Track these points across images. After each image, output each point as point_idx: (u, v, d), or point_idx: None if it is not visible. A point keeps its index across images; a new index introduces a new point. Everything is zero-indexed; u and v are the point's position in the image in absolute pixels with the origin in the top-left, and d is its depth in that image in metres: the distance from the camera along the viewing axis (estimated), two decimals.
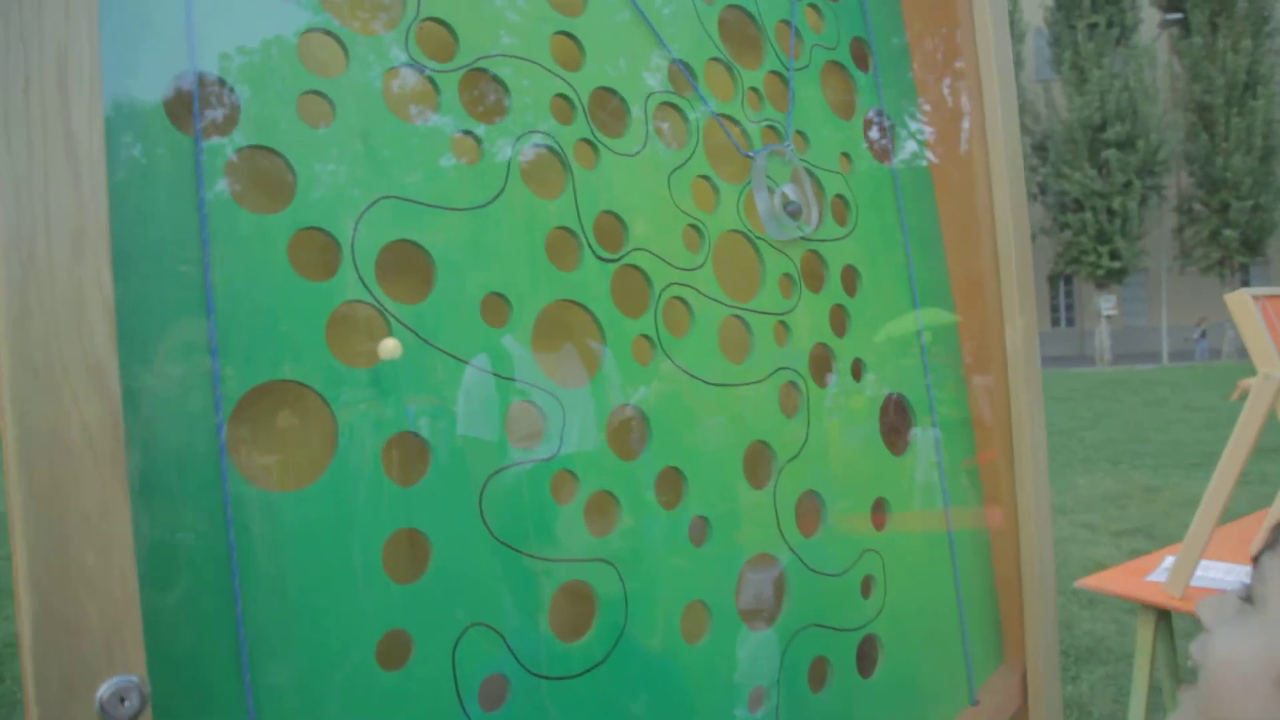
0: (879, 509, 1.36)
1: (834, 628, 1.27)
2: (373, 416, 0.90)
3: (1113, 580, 2.80)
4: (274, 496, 0.85)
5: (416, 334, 0.93)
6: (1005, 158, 1.48)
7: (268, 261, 0.86)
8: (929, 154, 1.56)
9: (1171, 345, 23.41)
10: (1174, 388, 15.08)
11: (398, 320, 0.92)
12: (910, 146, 1.53)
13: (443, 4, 1.00)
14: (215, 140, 0.85)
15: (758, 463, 1.21)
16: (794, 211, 1.29)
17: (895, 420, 1.41)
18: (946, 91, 1.59)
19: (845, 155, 1.42)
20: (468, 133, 1.00)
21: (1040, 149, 22.57)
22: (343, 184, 0.91)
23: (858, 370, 1.36)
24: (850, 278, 1.38)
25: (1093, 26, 21.67)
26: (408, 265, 0.96)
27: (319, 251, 0.90)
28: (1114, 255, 21.33)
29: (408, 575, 0.91)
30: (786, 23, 1.38)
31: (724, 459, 1.17)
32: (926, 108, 1.57)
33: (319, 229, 0.89)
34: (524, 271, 1.02)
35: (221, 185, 0.85)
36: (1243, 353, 22.02)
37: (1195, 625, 0.78)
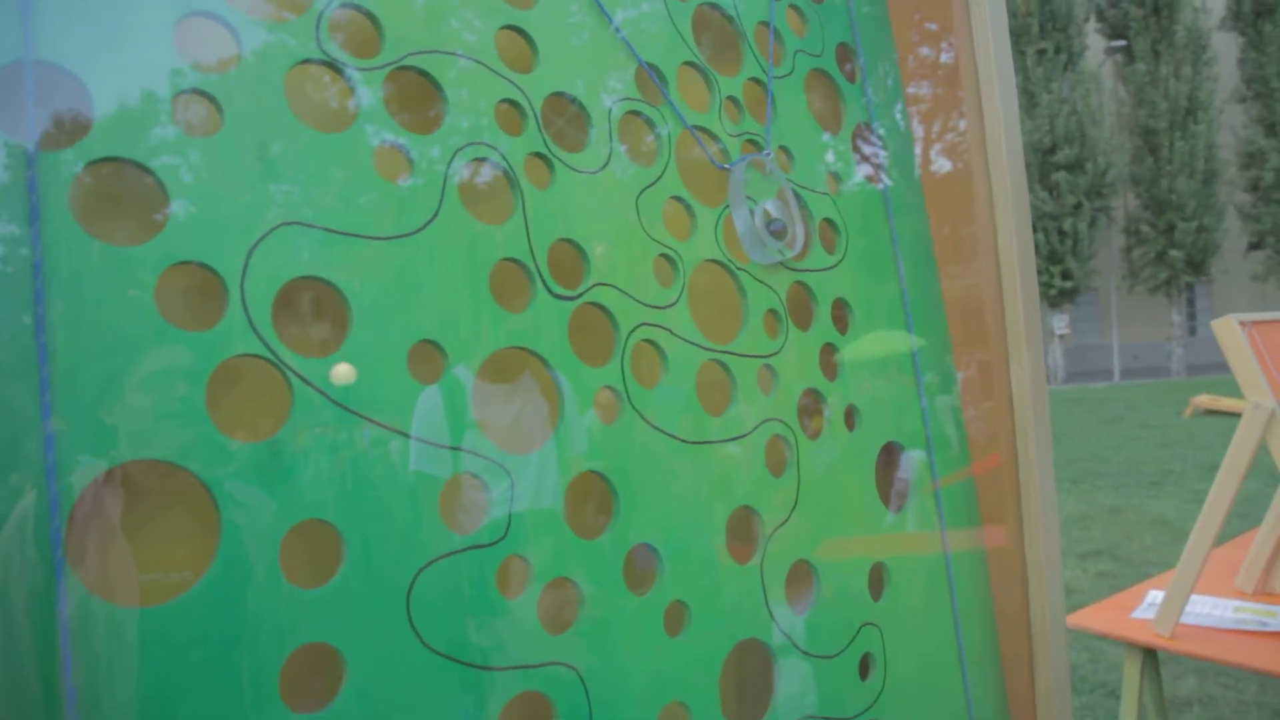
0: (877, 576, 1.19)
1: (830, 718, 1.10)
2: (268, 502, 0.71)
3: (1097, 618, 2.68)
4: (133, 614, 0.65)
5: (325, 395, 0.74)
6: (1008, 176, 1.33)
7: (128, 306, 0.67)
8: (922, 172, 1.41)
9: (1122, 363, 23.83)
10: (1128, 405, 15.25)
11: (300, 377, 0.73)
12: (902, 164, 1.38)
13: None
14: (59, 150, 0.66)
15: (742, 532, 1.04)
16: (778, 230, 1.12)
17: (893, 474, 1.25)
18: (941, 103, 1.44)
19: (833, 174, 1.26)
20: (394, 145, 0.82)
21: None
22: (231, 207, 0.72)
23: (851, 419, 1.19)
24: (841, 312, 1.22)
25: (1041, 52, 22.10)
26: (315, 308, 0.77)
27: (198, 292, 0.71)
28: (1066, 275, 21.66)
29: (315, 702, 0.72)
30: (766, 24, 1.22)
31: (704, 530, 0.99)
32: (919, 121, 1.42)
33: (198, 264, 0.70)
34: (463, 313, 0.83)
35: (66, 207, 0.65)
36: (1191, 369, 22.47)
37: (1181, 662, 0.61)
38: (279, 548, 0.71)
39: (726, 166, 1.10)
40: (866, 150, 1.34)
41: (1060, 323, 21.70)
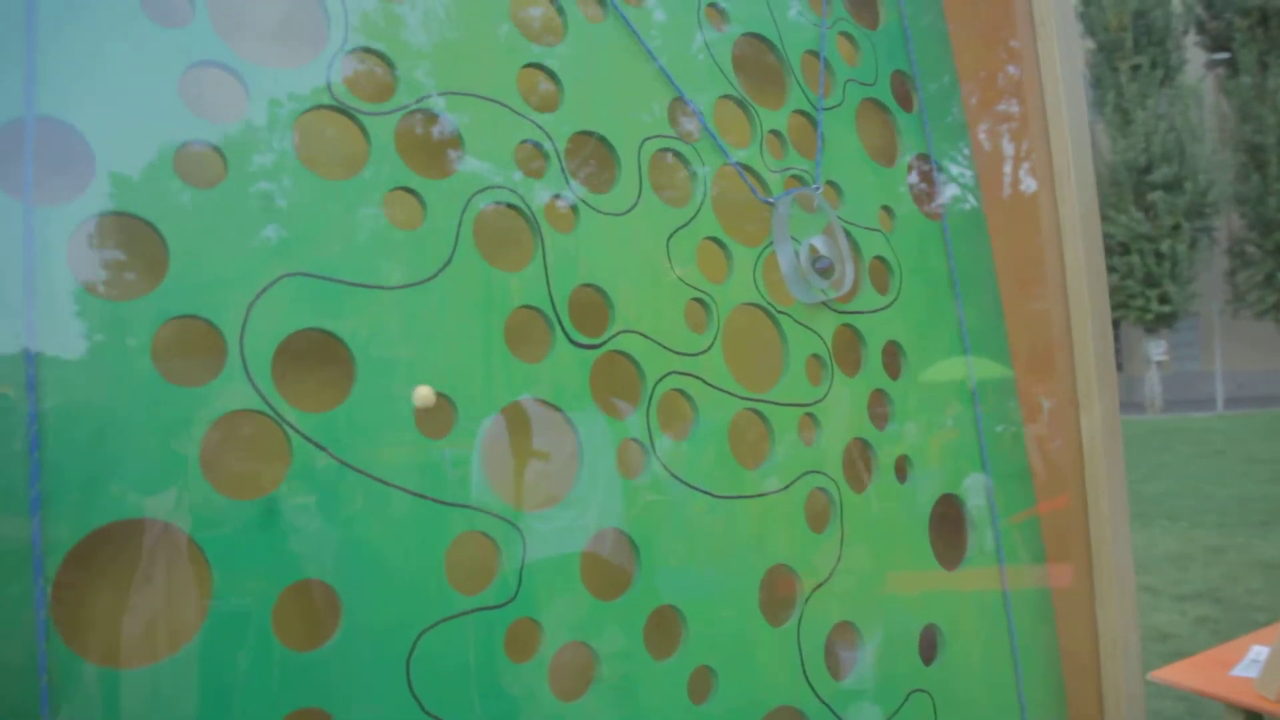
0: (929, 639, 1.11)
1: None
2: (263, 561, 0.69)
3: (1193, 673, 2.49)
4: (119, 675, 0.63)
5: (327, 451, 0.72)
6: (1078, 210, 1.25)
7: (124, 361, 0.66)
8: (986, 206, 1.33)
9: (1226, 391, 22.62)
10: (1232, 437, 14.41)
11: (300, 434, 0.71)
12: (963, 197, 1.31)
13: (378, 30, 0.80)
14: (57, 206, 0.65)
15: (777, 592, 0.98)
16: (825, 268, 1.06)
17: (948, 527, 1.17)
18: (1007, 133, 1.36)
19: (886, 209, 1.20)
20: (406, 189, 0.79)
21: None
22: (233, 259, 0.71)
23: (902, 469, 1.12)
24: (893, 356, 1.15)
25: (1135, 68, 21.28)
26: (318, 361, 0.75)
27: (196, 346, 0.69)
28: (1163, 299, 20.68)
29: None
30: (815, 54, 1.17)
31: (734, 591, 0.94)
32: (982, 152, 1.35)
33: (197, 317, 0.69)
34: (475, 364, 0.80)
35: (64, 263, 0.65)
36: None
37: None
38: (272, 608, 0.68)
39: (771, 200, 1.05)
40: (924, 183, 1.27)
41: (1157, 349, 20.70)
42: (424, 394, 0.76)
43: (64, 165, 0.66)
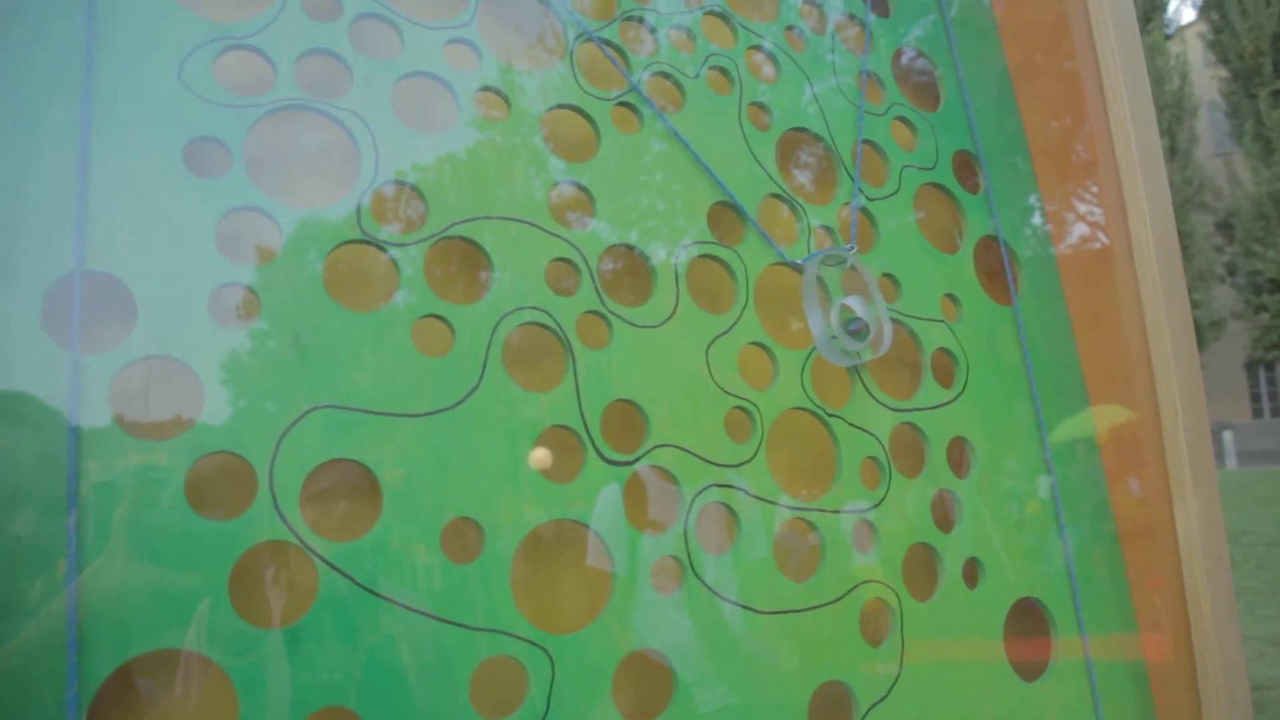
0: None
1: None
2: (290, 689, 0.70)
3: None
4: None
5: (352, 580, 0.73)
6: (1161, 288, 1.17)
7: (159, 497, 0.69)
8: (1064, 288, 1.26)
9: None
10: None
11: (327, 563, 0.73)
12: (1037, 279, 1.24)
13: (407, 165, 0.84)
14: (100, 355, 0.70)
15: (829, 712, 0.93)
16: (858, 330, 1.02)
17: (1027, 635, 1.09)
18: (1081, 208, 1.30)
19: (950, 298, 1.15)
20: (435, 316, 0.81)
21: (1225, 227, 20.80)
22: (263, 394, 0.74)
23: (973, 574, 1.06)
24: (960, 453, 1.10)
25: (1277, 93, 20.06)
26: (346, 489, 0.77)
27: (228, 480, 0.72)
28: None
29: None
30: (870, 144, 1.15)
31: (780, 709, 0.90)
32: (1059, 230, 1.29)
33: (229, 453, 0.72)
34: (503, 487, 0.81)
35: (105, 407, 0.69)
36: None
37: None
38: None
39: (798, 263, 1.02)
40: (992, 267, 1.22)
41: None
42: (541, 456, 0.77)
43: (108, 315, 0.70)
